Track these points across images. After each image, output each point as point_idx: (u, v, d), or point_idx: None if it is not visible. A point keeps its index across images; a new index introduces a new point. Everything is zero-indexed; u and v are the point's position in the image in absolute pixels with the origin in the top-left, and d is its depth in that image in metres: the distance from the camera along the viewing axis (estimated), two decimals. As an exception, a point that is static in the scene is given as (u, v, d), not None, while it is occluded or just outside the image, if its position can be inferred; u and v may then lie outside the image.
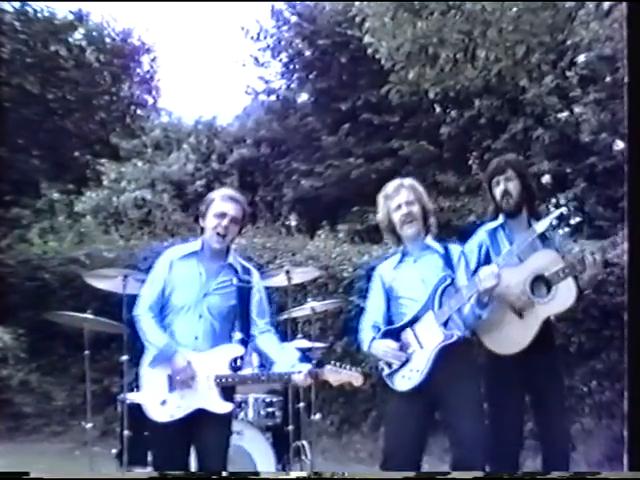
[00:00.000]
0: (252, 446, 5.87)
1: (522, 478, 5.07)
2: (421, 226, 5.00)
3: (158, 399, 4.75)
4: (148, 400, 4.80)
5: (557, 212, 4.89)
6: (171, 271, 4.87)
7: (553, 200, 9.70)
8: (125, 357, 6.43)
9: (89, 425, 6.74)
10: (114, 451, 6.38)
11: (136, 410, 6.15)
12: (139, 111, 17.03)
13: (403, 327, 4.90)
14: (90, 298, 7.97)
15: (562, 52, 9.87)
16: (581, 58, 9.59)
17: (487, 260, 5.12)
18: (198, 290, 4.80)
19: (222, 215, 4.79)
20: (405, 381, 4.84)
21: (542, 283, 5.02)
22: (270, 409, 6.33)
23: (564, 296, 4.97)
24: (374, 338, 4.95)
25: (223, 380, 4.70)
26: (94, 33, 16.14)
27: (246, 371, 5.92)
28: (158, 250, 9.79)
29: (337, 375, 4.70)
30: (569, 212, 4.95)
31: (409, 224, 4.96)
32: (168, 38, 32.56)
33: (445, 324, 4.82)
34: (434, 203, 11.33)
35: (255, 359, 6.13)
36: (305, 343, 6.58)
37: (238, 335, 4.90)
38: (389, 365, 4.89)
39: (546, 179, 10.09)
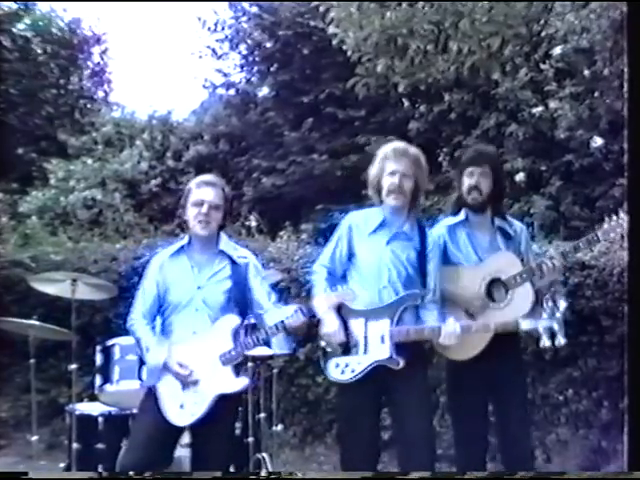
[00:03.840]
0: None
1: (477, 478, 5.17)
2: (407, 201, 5.01)
3: (176, 403, 4.80)
4: (167, 405, 4.82)
5: (546, 323, 4.86)
6: (162, 272, 4.96)
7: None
8: (74, 366, 6.38)
9: (34, 438, 6.69)
10: (62, 465, 6.34)
11: (86, 421, 6.16)
12: (89, 105, 16.94)
13: (357, 315, 4.93)
14: (36, 303, 7.91)
15: (536, 44, 9.92)
16: (557, 50, 9.62)
17: (445, 256, 5.17)
18: (191, 284, 4.88)
19: (200, 203, 4.87)
20: (337, 372, 4.92)
21: (500, 287, 5.06)
22: (229, 420, 6.30)
23: (520, 302, 5.02)
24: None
25: (228, 357, 4.77)
26: (40, 23, 16.03)
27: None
28: (109, 252, 9.88)
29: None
30: (560, 327, 4.93)
31: (395, 195, 4.97)
32: (120, 28, 32.31)
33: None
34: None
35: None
36: (266, 350, 6.56)
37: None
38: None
39: (520, 177, 10.14)
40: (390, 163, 5.00)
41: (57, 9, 16.48)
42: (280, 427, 6.95)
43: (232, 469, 5.95)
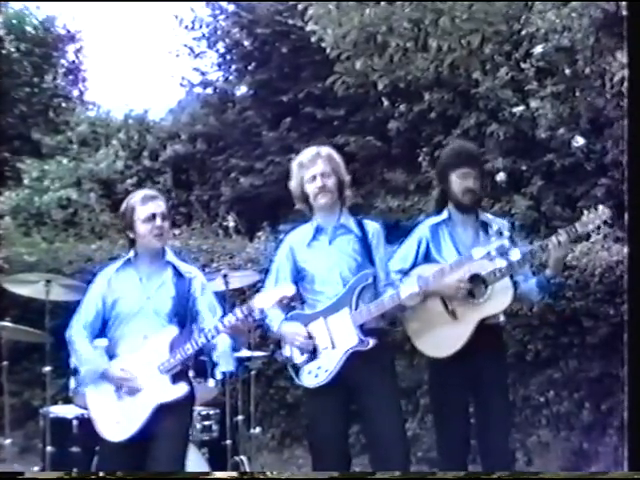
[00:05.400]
0: (187, 462, 5.82)
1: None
2: (336, 198, 5.09)
3: (112, 419, 4.83)
4: (101, 422, 4.87)
5: (497, 243, 4.89)
6: (109, 286, 5.00)
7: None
8: (48, 368, 6.36)
9: (8, 441, 6.67)
10: (36, 469, 6.32)
11: (60, 424, 6.12)
12: (64, 104, 16.81)
13: (315, 316, 4.97)
14: (9, 305, 7.87)
15: (517, 43, 9.94)
16: (537, 49, 9.62)
17: (427, 256, 5.23)
18: (140, 295, 4.94)
19: (152, 217, 4.92)
20: (311, 378, 4.97)
21: (480, 282, 5.08)
22: (206, 422, 6.30)
23: (499, 297, 5.06)
24: (286, 318, 5.04)
25: (166, 365, 4.79)
26: (13, 21, 15.95)
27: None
28: (84, 253, 9.83)
29: (268, 298, 4.75)
30: (510, 245, 4.96)
31: (323, 194, 5.04)
32: (95, 26, 32.23)
33: (361, 325, 4.91)
34: (382, 203, 11.47)
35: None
36: (244, 352, 6.55)
37: None
38: (301, 351, 5.00)
39: (501, 177, 10.14)
40: (306, 170, 5.10)
41: (30, 7, 16.42)
42: (258, 430, 6.96)
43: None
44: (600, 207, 4.96)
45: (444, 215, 5.31)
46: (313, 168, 5.05)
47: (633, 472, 4.54)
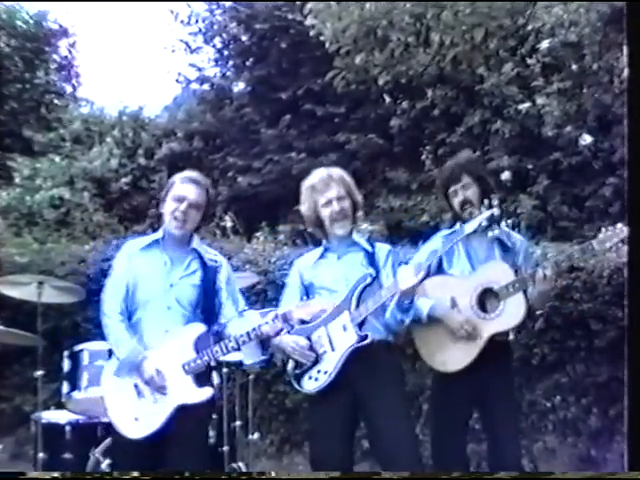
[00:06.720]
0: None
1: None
2: (351, 223, 5.10)
3: (130, 415, 4.76)
4: (119, 417, 4.81)
5: (487, 213, 4.89)
6: (131, 265, 4.92)
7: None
8: (40, 372, 6.33)
9: (-2, 447, 6.67)
10: (27, 475, 6.29)
11: (52, 430, 6.11)
12: (56, 101, 16.82)
13: (317, 326, 4.96)
14: (0, 307, 7.86)
15: (523, 38, 9.95)
16: (544, 45, 9.63)
17: (439, 268, 5.19)
18: (164, 280, 4.86)
19: (181, 199, 4.85)
20: (312, 382, 4.96)
21: (492, 297, 5.06)
22: (203, 428, 6.27)
23: (511, 313, 5.04)
24: (286, 332, 5.00)
25: (192, 365, 4.73)
26: (4, 16, 15.95)
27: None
28: (77, 254, 9.81)
29: (307, 308, 4.75)
30: (500, 213, 4.97)
31: (341, 222, 5.05)
32: (89, 20, 32.23)
33: (361, 325, 4.90)
34: (384, 202, 11.47)
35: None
36: (242, 355, 6.53)
37: None
38: (297, 363, 5.00)
39: (506, 176, 10.13)
40: (320, 195, 5.06)
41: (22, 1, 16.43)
42: (256, 435, 6.92)
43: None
44: (619, 225, 4.89)
45: (458, 226, 5.27)
46: (328, 192, 5.02)
47: (634, 472, 4.54)
